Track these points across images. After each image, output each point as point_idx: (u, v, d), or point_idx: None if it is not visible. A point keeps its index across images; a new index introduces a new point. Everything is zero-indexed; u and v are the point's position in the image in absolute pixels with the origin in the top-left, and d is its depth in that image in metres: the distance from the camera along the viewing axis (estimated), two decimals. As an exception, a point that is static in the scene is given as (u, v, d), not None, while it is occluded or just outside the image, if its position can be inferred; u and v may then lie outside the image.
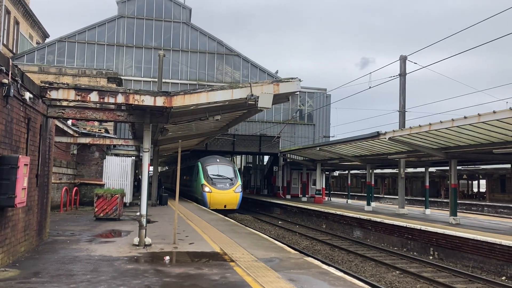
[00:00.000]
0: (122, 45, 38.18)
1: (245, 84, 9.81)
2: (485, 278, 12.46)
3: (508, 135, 14.28)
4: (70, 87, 9.05)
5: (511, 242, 12.84)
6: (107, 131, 25.70)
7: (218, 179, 27.58)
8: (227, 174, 28.37)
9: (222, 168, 28.82)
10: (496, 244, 13.27)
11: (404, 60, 23.21)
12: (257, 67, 40.26)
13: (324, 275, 7.73)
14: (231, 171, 28.85)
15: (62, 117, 10.46)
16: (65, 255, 8.81)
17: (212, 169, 28.34)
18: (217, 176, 27.83)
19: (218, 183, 27.34)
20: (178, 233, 11.75)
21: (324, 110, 41.23)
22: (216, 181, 27.38)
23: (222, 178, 27.87)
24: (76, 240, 10.86)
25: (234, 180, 28.09)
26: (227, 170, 28.84)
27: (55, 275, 7.10)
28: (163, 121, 10.65)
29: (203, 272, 7.68)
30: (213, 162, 28.95)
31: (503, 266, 13.03)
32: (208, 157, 30.33)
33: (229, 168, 29.14)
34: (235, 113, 13.73)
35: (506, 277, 12.79)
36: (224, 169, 28.74)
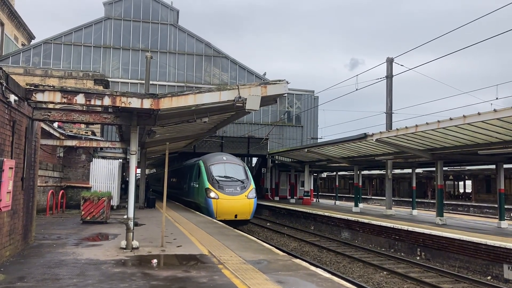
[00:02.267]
0: (109, 46, 37.92)
1: (232, 86, 9.82)
2: (471, 278, 12.61)
3: (492, 137, 14.48)
4: (56, 89, 8.96)
5: (496, 242, 13.02)
6: (94, 133, 25.50)
7: (226, 182, 22.09)
8: (237, 176, 22.86)
9: (231, 167, 23.28)
10: (481, 244, 13.44)
11: (391, 62, 23.43)
12: (245, 69, 40.30)
13: (312, 277, 7.76)
14: (242, 172, 23.27)
15: (48, 119, 10.36)
16: (51, 259, 8.72)
17: (218, 169, 22.82)
18: (224, 178, 22.36)
19: (226, 187, 21.84)
20: (165, 236, 11.70)
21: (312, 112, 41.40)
22: (224, 185, 21.88)
23: (231, 180, 22.41)
24: (62, 244, 10.75)
25: (246, 183, 22.44)
26: (236, 170, 23.30)
27: (40, 279, 7.02)
28: (151, 123, 10.60)
29: (191, 275, 7.65)
30: (219, 161, 23.46)
31: (489, 266, 13.19)
32: (212, 155, 25.11)
33: (238, 168, 23.48)
34: (223, 115, 13.72)
35: (492, 276, 12.95)
36: (233, 169, 23.22)
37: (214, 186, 21.78)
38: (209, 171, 22.54)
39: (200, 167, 23.50)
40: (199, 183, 23.27)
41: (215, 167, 22.89)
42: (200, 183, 23.04)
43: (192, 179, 25.66)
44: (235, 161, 23.94)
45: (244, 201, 21.67)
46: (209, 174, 22.40)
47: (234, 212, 21.44)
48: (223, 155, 24.52)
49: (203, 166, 23.09)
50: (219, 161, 23.39)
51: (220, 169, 22.88)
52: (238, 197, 21.66)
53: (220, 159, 23.70)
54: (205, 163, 23.20)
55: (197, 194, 23.83)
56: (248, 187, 22.24)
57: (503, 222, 18.42)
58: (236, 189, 21.92)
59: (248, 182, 22.51)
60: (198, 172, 23.95)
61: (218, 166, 23.02)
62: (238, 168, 23.46)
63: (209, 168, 22.72)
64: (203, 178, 22.55)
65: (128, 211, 10.24)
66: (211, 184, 21.90)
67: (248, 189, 22.15)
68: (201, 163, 23.64)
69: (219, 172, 22.65)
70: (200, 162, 23.99)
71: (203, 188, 22.21)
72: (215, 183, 21.90)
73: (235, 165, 23.58)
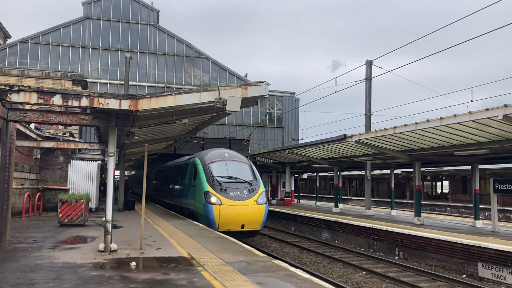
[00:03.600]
0: (88, 47, 37.48)
1: (213, 88, 9.80)
2: (447, 276, 12.85)
3: (468, 138, 14.79)
4: (32, 90, 8.79)
5: (471, 241, 13.29)
6: (72, 135, 25.12)
7: (230, 184, 17.82)
8: (243, 176, 18.55)
9: (235, 166, 19.02)
10: (457, 243, 13.70)
11: (370, 65, 23.71)
12: (226, 70, 40.28)
13: (292, 277, 7.79)
14: (248, 171, 18.93)
15: (24, 120, 10.17)
16: (26, 263, 8.55)
17: (220, 168, 18.56)
18: (228, 178, 18.10)
19: (230, 190, 17.54)
20: (145, 238, 11.60)
21: (293, 113, 41.64)
22: (227, 187, 17.58)
23: (236, 181, 18.14)
24: (38, 247, 10.55)
25: (255, 185, 18.14)
26: (242, 169, 18.97)
27: (14, 284, 6.88)
28: (129, 124, 10.49)
29: (170, 277, 7.60)
30: (220, 157, 19.20)
31: (464, 264, 13.46)
32: (210, 150, 20.68)
33: (244, 167, 19.12)
34: (203, 117, 13.67)
35: (467, 275, 13.21)
36: (237, 168, 18.93)
37: (215, 189, 17.37)
38: (208, 170, 18.18)
39: (197, 165, 19.07)
40: (196, 185, 18.77)
41: (215, 166, 18.52)
42: (197, 185, 18.58)
43: (185, 181, 21.29)
44: (240, 158, 19.66)
45: (253, 207, 17.20)
46: (208, 174, 18.03)
47: (241, 221, 17.04)
48: (224, 151, 20.24)
49: (200, 164, 18.74)
50: (220, 158, 19.06)
51: (222, 168, 18.57)
52: (245, 203, 17.20)
53: (221, 155, 19.33)
54: (203, 161, 18.86)
55: (192, 198, 19.34)
56: (257, 190, 17.91)
57: (478, 221, 18.81)
58: (243, 193, 17.53)
59: (256, 184, 18.18)
60: (193, 172, 19.55)
61: (219, 164, 18.69)
62: (244, 166, 19.08)
63: (208, 167, 18.34)
64: (201, 179, 18.16)
65: (107, 214, 10.11)
66: (211, 186, 17.47)
67: (257, 192, 17.77)
68: (197, 161, 19.29)
69: (220, 172, 18.32)
70: (196, 159, 19.60)
71: (201, 192, 17.81)
72: (216, 185, 17.50)
73: (240, 162, 19.21)
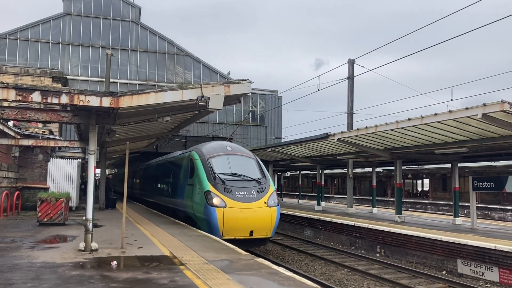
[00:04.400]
0: (68, 43, 36.92)
1: (195, 85, 9.73)
2: (427, 273, 13.04)
3: (448, 136, 15.01)
4: (10, 87, 8.60)
5: (451, 238, 13.50)
6: (52, 132, 24.72)
7: (235, 182, 15.15)
8: (250, 173, 15.89)
9: (239, 161, 16.34)
10: (437, 240, 13.91)
11: (352, 64, 23.88)
12: (209, 68, 40.13)
13: (274, 276, 7.80)
14: (255, 167, 16.33)
15: (2, 118, 9.97)
16: (4, 263, 8.37)
17: (222, 164, 15.84)
18: (232, 176, 15.42)
19: (236, 189, 14.87)
20: (126, 237, 11.48)
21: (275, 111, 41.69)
22: (232, 186, 14.92)
23: (243, 179, 15.45)
24: (16, 247, 10.35)
25: (264, 184, 15.55)
26: (247, 164, 16.35)
27: (-8, 284, 6.73)
28: (110, 122, 10.36)
29: (152, 276, 7.53)
30: (222, 151, 16.51)
31: (444, 261, 13.67)
32: (208, 144, 17.86)
33: (250, 162, 16.51)
34: (186, 114, 13.59)
35: (446, 271, 13.42)
36: (242, 163, 16.26)
37: (218, 188, 14.74)
38: (209, 166, 15.51)
39: (194, 160, 16.29)
40: (194, 184, 16.03)
41: (217, 161, 15.84)
42: (195, 183, 15.82)
43: (180, 179, 18.30)
44: (245, 152, 17.08)
45: (263, 210, 14.64)
46: (209, 170, 15.37)
47: (249, 227, 14.41)
48: (226, 143, 17.58)
49: (199, 159, 16.02)
50: (222, 152, 16.37)
51: (225, 163, 15.89)
52: (254, 205, 14.61)
53: (223, 149, 16.65)
54: (202, 155, 16.13)
55: (188, 199, 16.54)
56: (267, 189, 15.35)
57: (457, 218, 19.12)
58: (251, 193, 14.92)
59: (266, 183, 15.63)
60: (190, 168, 16.84)
61: (221, 159, 15.99)
62: (250, 162, 16.45)
63: (209, 162, 15.66)
64: (200, 176, 15.44)
65: (87, 212, 9.98)
66: (212, 185, 14.83)
67: (268, 192, 15.21)
68: (194, 155, 16.53)
69: (223, 168, 15.67)
70: (193, 153, 16.86)
71: (201, 192, 15.13)
72: (219, 184, 14.85)
73: (245, 157, 16.60)
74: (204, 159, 15.90)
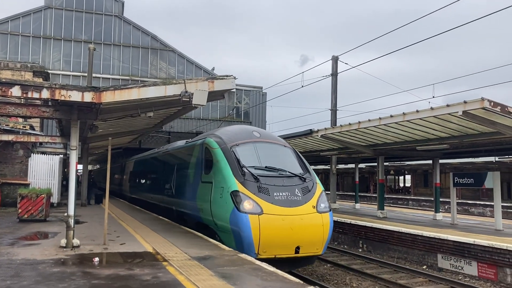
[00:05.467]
0: (49, 37, 36.32)
1: (178, 81, 9.68)
2: (408, 267, 13.23)
3: (429, 133, 15.21)
4: (-11, 81, 8.45)
5: (431, 233, 13.72)
6: (33, 128, 24.31)
7: (272, 179, 11.25)
8: (288, 166, 11.98)
9: (271, 150, 12.37)
10: (418, 236, 14.12)
11: (336, 61, 24.01)
12: (193, 63, 39.92)
13: (257, 271, 7.83)
14: (294, 159, 12.45)
15: (-20, 112, 9.76)
16: (-17, 260, 8.24)
17: (249, 154, 11.86)
18: (266, 170, 11.49)
19: (274, 189, 10.99)
20: (109, 234, 11.38)
21: (260, 107, 41.71)
22: (268, 184, 11.05)
23: (280, 175, 11.53)
24: (-4, 244, 10.19)
25: (310, 181, 11.69)
26: (283, 155, 12.43)
27: (-29, 282, 6.62)
28: (92, 117, 10.25)
29: (134, 272, 7.50)
30: (248, 138, 12.42)
31: (424, 256, 13.89)
32: (226, 129, 13.72)
33: (286, 152, 12.60)
34: (169, 110, 13.51)
35: (427, 266, 13.65)
36: (276, 154, 12.33)
37: (249, 187, 10.75)
38: (234, 158, 11.44)
39: (212, 150, 12.14)
40: (213, 181, 11.75)
41: (243, 150, 11.77)
42: (216, 180, 11.63)
43: (189, 174, 14.09)
44: (277, 139, 13.06)
45: (313, 218, 10.75)
46: (234, 163, 11.31)
47: (295, 241, 10.49)
48: (251, 128, 13.57)
49: (219, 148, 11.90)
50: (248, 139, 12.23)
51: (254, 154, 11.80)
52: (300, 210, 10.70)
53: (248, 134, 12.55)
54: (222, 143, 12.05)
55: (204, 202, 12.17)
56: (314, 188, 11.39)
57: (438, 214, 19.43)
58: (295, 194, 10.97)
59: (312, 180, 11.63)
60: (205, 160, 12.70)
61: (248, 148, 11.90)
62: (286, 152, 12.51)
63: (233, 152, 11.60)
64: (223, 171, 11.35)
65: (69, 209, 9.87)
66: (241, 183, 10.81)
67: (316, 192, 11.29)
68: (211, 143, 12.37)
69: (252, 160, 11.58)
70: (208, 141, 12.62)
71: (225, 192, 10.99)
72: (250, 182, 10.86)
73: (279, 146, 12.60)
74: (227, 148, 11.77)
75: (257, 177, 10.99)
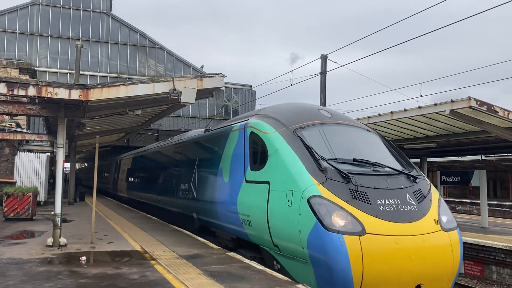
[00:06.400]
0: (36, 34, 35.90)
1: (167, 78, 9.64)
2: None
3: (417, 132, 15.34)
4: (-27, 78, 8.32)
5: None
6: (19, 125, 24.03)
7: (368, 179, 7.46)
8: (382, 159, 8.35)
9: (353, 136, 8.86)
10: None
11: (325, 59, 24.05)
12: (181, 61, 39.75)
13: (246, 269, 7.82)
14: (384, 148, 8.99)
15: (-35, 110, 9.62)
16: (-32, 260, 8.12)
17: (324, 141, 8.14)
18: (355, 166, 7.79)
19: (375, 192, 7.19)
20: (96, 232, 11.28)
21: (249, 106, 41.67)
22: (365, 185, 7.27)
23: (378, 172, 7.77)
24: (-19, 243, 10.05)
25: (421, 181, 8.05)
26: (370, 143, 8.93)
27: (-45, 282, 6.52)
28: (79, 115, 10.17)
29: (122, 271, 7.44)
30: (317, 118, 8.84)
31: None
32: (279, 106, 10.05)
33: (372, 138, 9.18)
34: (157, 108, 13.43)
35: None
36: (359, 141, 8.81)
37: (336, 190, 7.21)
38: (303, 146, 8.05)
39: (265, 134, 8.84)
40: (273, 181, 8.23)
41: (314, 135, 8.39)
42: (277, 179, 8.11)
43: (226, 171, 10.36)
44: (355, 122, 9.78)
45: (437, 238, 7.25)
46: (304, 153, 7.89)
47: (414, 275, 6.89)
48: (316, 106, 10.34)
49: (276, 133, 8.57)
50: (316, 120, 8.88)
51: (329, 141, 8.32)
52: (418, 227, 7.15)
53: (315, 113, 9.23)
54: (280, 125, 8.75)
55: (255, 211, 8.57)
56: (429, 192, 7.97)
57: (426, 212, 19.56)
58: (406, 201, 7.41)
59: (423, 178, 8.32)
60: (251, 150, 9.34)
61: (320, 133, 8.48)
62: (372, 138, 9.25)
63: (302, 138, 8.22)
64: (290, 165, 7.89)
65: (55, 207, 9.78)
66: (322, 184, 7.28)
67: (432, 198, 7.86)
68: (262, 126, 9.11)
69: (330, 150, 8.09)
70: (257, 123, 9.36)
71: (297, 198, 7.37)
72: (335, 183, 7.33)
73: (361, 130, 9.34)
74: (288, 133, 8.36)
75: (347, 175, 7.35)
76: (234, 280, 6.97)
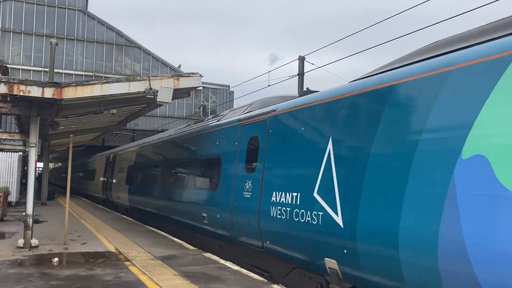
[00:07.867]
0: (8, 30, 35.07)
1: (143, 77, 9.55)
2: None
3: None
4: None
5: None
6: (-10, 124, 23.43)
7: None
8: None
9: None
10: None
11: (302, 61, 24.21)
12: (158, 60, 39.44)
13: (222, 270, 7.80)
14: None
15: None
16: None
17: None
18: None
19: None
20: (70, 233, 11.09)
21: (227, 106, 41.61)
22: None
23: None
24: (-52, 245, 9.76)
25: None
26: None
27: None
28: (53, 114, 9.98)
29: (96, 273, 7.33)
30: None
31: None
32: None
33: None
34: (133, 107, 13.28)
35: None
36: None
37: None
38: None
39: None
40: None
41: None
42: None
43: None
44: None
45: None
46: None
47: None
48: None
49: None
50: None
51: None
52: None
53: None
54: None
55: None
56: None
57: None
58: None
59: None
60: None
61: None
62: None
63: None
64: None
65: (27, 207, 9.57)
66: None
67: None
68: None
69: None
70: None
71: None
72: None
73: None
74: None
75: None
76: (209, 281, 6.95)
